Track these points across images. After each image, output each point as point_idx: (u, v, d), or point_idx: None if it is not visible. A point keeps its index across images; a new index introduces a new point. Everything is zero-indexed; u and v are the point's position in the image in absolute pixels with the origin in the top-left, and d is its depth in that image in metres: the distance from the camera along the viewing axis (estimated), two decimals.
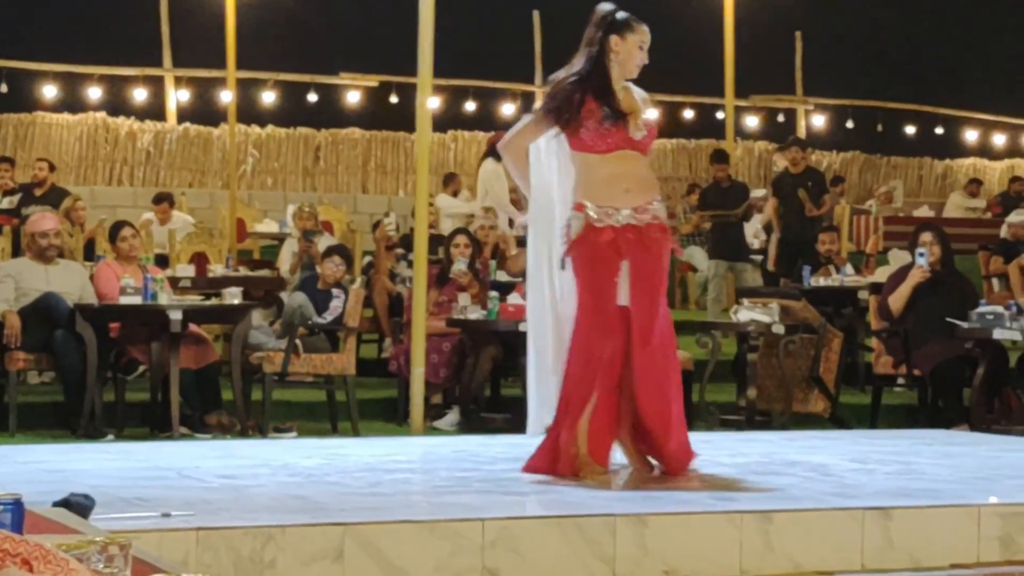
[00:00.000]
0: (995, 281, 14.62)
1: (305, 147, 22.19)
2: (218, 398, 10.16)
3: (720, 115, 20.82)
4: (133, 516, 5.18)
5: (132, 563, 2.86)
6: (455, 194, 18.37)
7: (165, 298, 10.02)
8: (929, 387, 10.79)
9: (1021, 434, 9.92)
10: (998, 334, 10.22)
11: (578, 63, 6.88)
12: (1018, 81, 25.19)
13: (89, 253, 13.51)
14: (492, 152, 15.83)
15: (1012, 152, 26.17)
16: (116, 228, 10.84)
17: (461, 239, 11.55)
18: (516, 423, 10.48)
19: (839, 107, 25.17)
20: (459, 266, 11.24)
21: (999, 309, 10.43)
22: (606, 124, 6.73)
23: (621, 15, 6.92)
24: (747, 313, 10.67)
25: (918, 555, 5.91)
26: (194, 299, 10.76)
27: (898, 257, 13.59)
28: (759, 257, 16.95)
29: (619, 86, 6.85)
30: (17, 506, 3.10)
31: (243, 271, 13.54)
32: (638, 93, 6.95)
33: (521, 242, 14.22)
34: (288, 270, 13.77)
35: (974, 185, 23.07)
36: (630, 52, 6.87)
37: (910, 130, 25.50)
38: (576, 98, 6.75)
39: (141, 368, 10.46)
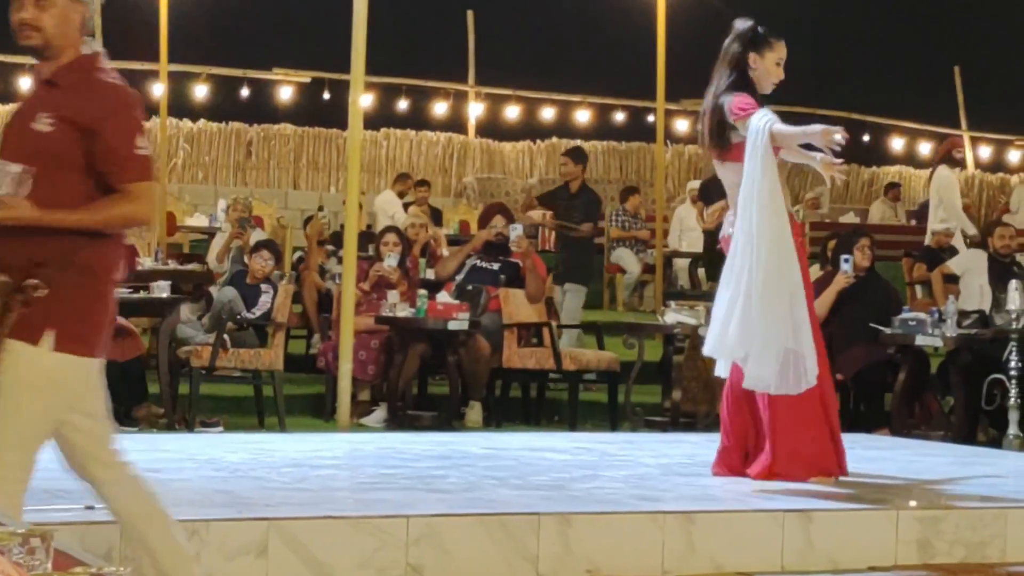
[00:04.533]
0: (918, 288, 14.78)
1: (237, 142, 22.08)
2: (144, 391, 10.11)
3: (651, 118, 20.89)
4: (56, 508, 5.16)
5: (54, 556, 2.85)
6: (402, 195, 18.35)
7: None
8: (851, 391, 10.90)
9: (940, 439, 10.06)
10: (920, 340, 10.34)
11: (720, 78, 6.82)
12: (944, 90, 25.45)
13: None
14: None
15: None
16: None
17: (390, 237, 11.54)
18: (442, 420, 10.54)
19: None
20: (390, 262, 11.24)
21: (921, 315, 10.55)
22: None
23: (760, 31, 6.87)
24: (674, 315, 10.72)
25: (837, 557, 5.99)
26: (122, 291, 10.70)
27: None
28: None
29: None
30: None
31: (172, 265, 13.45)
32: None
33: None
34: (215, 257, 13.68)
35: (895, 190, 23.16)
36: (768, 70, 6.87)
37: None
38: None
39: None
